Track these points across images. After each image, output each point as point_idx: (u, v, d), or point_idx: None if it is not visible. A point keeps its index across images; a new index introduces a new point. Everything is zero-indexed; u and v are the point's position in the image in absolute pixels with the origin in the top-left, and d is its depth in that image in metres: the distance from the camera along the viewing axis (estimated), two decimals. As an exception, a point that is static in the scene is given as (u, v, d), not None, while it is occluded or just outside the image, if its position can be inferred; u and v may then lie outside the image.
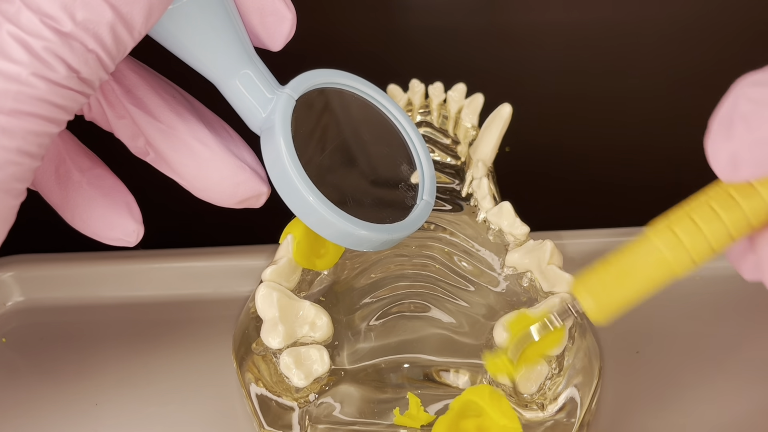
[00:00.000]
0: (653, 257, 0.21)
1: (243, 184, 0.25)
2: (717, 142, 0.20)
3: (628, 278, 0.22)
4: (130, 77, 0.24)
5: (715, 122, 0.20)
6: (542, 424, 0.25)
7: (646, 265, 0.21)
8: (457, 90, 0.37)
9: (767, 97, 0.19)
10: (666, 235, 0.21)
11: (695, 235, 0.21)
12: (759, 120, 0.19)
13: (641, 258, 0.21)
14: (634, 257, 0.22)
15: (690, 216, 0.21)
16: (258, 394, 0.27)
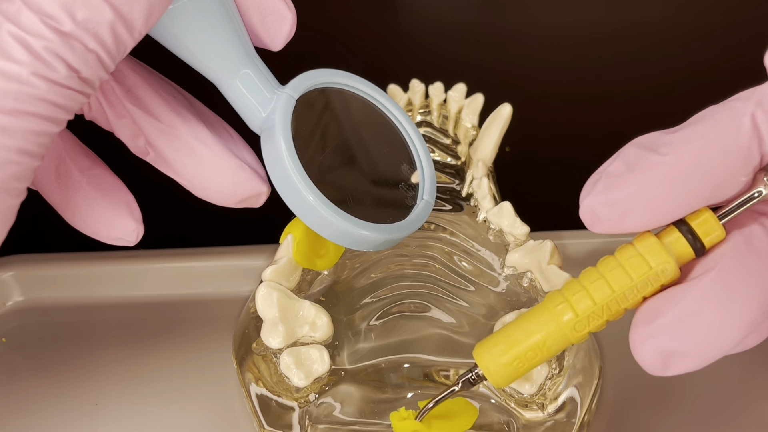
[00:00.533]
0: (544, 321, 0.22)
1: (243, 183, 0.25)
2: (582, 194, 0.22)
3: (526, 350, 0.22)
4: (131, 77, 0.24)
5: (591, 176, 0.22)
6: (542, 424, 0.25)
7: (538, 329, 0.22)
8: (457, 90, 0.37)
9: (637, 161, 0.21)
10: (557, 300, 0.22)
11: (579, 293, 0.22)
12: (618, 183, 0.21)
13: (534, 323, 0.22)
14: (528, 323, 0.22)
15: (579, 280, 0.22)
16: (258, 394, 0.27)
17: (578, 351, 0.27)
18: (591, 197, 0.21)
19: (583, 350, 0.27)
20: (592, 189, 0.21)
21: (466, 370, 0.23)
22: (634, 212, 0.21)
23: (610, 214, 0.21)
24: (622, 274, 0.22)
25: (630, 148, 0.22)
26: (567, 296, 0.22)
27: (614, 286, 0.22)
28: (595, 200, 0.21)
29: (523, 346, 0.22)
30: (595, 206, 0.21)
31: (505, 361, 0.22)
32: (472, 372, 0.23)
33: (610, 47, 0.48)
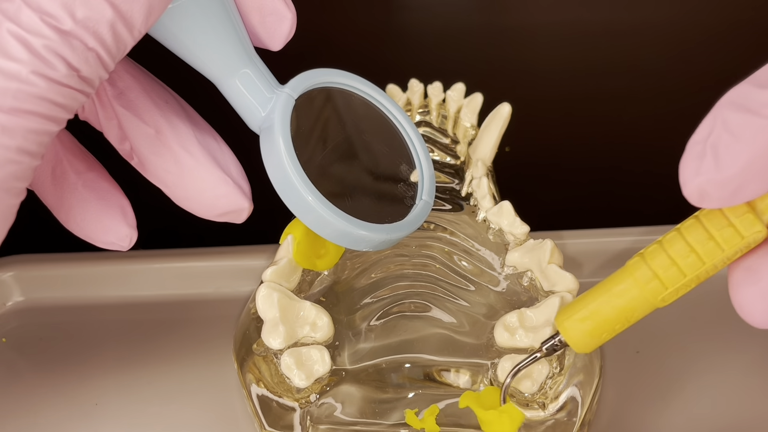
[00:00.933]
0: (631, 295, 0.22)
1: (224, 197, 0.24)
2: (685, 173, 0.20)
3: (607, 316, 0.22)
4: (125, 78, 0.24)
5: (688, 147, 0.20)
6: (543, 423, 0.25)
7: (625, 302, 0.22)
8: (456, 89, 0.37)
9: (740, 127, 0.19)
10: (643, 270, 0.22)
11: (670, 270, 0.22)
12: (729, 157, 0.19)
13: (620, 296, 0.22)
14: (613, 295, 0.22)
15: (665, 250, 0.22)
16: (259, 395, 0.27)
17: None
18: (700, 177, 0.19)
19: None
20: (700, 167, 0.19)
21: (549, 337, 0.24)
22: (748, 185, 0.19)
23: (722, 193, 0.19)
24: (714, 248, 0.21)
25: (726, 111, 0.19)
26: (657, 272, 0.22)
27: (705, 259, 0.21)
28: (705, 180, 0.19)
29: (608, 316, 0.22)
30: (706, 186, 0.19)
31: (588, 329, 0.22)
32: (554, 339, 0.24)
33: (610, 47, 0.48)
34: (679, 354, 0.32)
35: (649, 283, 0.22)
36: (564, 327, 0.23)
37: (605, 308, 0.22)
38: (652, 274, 0.22)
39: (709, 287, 0.35)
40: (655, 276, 0.22)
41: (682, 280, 0.21)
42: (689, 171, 0.20)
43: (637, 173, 0.46)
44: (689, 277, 0.21)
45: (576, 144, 0.47)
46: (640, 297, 0.22)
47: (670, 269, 0.21)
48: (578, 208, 0.44)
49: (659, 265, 0.22)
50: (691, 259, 0.21)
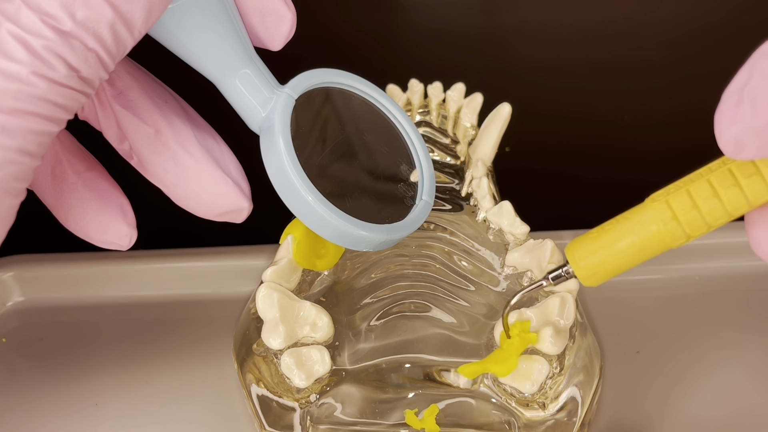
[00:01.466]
0: (648, 231, 0.22)
1: (223, 197, 0.24)
2: (722, 122, 0.19)
3: (621, 248, 0.22)
4: (125, 78, 0.24)
5: (724, 97, 0.19)
6: (543, 423, 0.25)
7: (641, 237, 0.22)
8: (456, 89, 0.37)
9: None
10: (663, 210, 0.21)
11: (691, 212, 0.21)
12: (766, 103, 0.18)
13: (636, 230, 0.22)
14: (629, 228, 0.22)
15: (689, 192, 0.21)
16: (259, 395, 0.27)
17: (579, 350, 0.27)
18: (737, 125, 0.19)
19: (583, 349, 0.27)
20: (736, 115, 0.19)
21: (557, 266, 0.23)
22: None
23: (760, 141, 0.19)
24: (740, 198, 0.21)
25: (763, 61, 0.19)
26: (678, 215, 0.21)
27: (729, 208, 0.21)
28: (742, 128, 0.19)
29: (620, 251, 0.22)
30: (743, 135, 0.19)
31: (598, 261, 0.22)
32: (561, 268, 0.23)
33: (610, 47, 0.48)
34: (679, 354, 0.32)
35: (669, 224, 0.21)
36: (574, 257, 0.23)
37: (618, 243, 0.22)
38: (673, 215, 0.21)
39: (709, 288, 0.36)
40: (675, 218, 0.21)
41: (703, 227, 0.21)
42: (725, 120, 0.19)
43: (638, 173, 0.46)
44: (713, 228, 0.21)
45: (576, 144, 0.47)
46: (657, 236, 0.22)
47: (697, 222, 0.21)
48: (578, 208, 0.44)
49: (681, 208, 0.21)
50: (720, 213, 0.21)
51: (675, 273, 0.36)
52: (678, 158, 0.25)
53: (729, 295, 0.35)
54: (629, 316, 0.34)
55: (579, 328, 0.28)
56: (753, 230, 0.21)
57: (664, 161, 0.46)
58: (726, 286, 0.36)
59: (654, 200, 0.22)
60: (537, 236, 0.30)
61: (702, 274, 0.36)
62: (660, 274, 0.36)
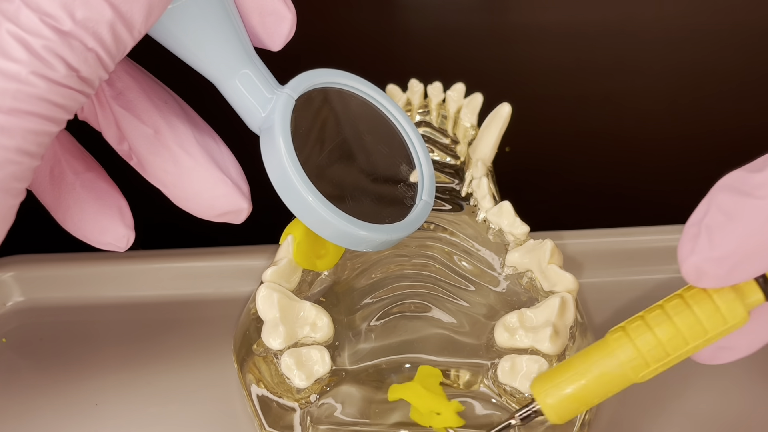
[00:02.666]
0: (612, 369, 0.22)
1: (222, 197, 0.24)
2: (682, 252, 0.21)
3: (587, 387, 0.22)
4: (124, 78, 0.24)
5: (685, 229, 0.21)
6: (543, 423, 0.25)
7: (605, 375, 0.22)
8: (456, 90, 0.37)
9: (734, 209, 0.20)
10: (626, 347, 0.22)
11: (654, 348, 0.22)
12: (722, 236, 0.20)
13: (600, 368, 0.22)
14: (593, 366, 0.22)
15: (650, 328, 0.22)
16: (259, 395, 0.26)
17: (579, 350, 0.27)
18: (696, 256, 0.20)
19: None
20: (695, 246, 0.20)
21: (524, 405, 0.23)
22: (742, 264, 0.20)
23: (717, 271, 0.20)
24: (699, 330, 0.21)
25: (720, 195, 0.21)
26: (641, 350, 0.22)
27: (690, 340, 0.22)
28: (701, 258, 0.20)
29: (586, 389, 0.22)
30: (702, 265, 0.20)
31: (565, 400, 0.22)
32: (529, 407, 0.23)
33: (610, 47, 0.48)
34: (679, 354, 0.32)
35: (633, 361, 0.22)
36: (541, 396, 0.23)
37: (584, 381, 0.22)
38: (636, 352, 0.22)
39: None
40: (639, 354, 0.22)
41: (665, 359, 0.22)
42: (685, 251, 0.21)
43: (638, 173, 0.46)
44: (672, 357, 0.22)
45: (576, 144, 0.47)
46: (621, 373, 0.22)
47: (655, 349, 0.22)
48: (578, 208, 0.44)
49: (643, 344, 0.22)
50: (677, 340, 0.22)
51: (675, 273, 0.36)
52: (677, 158, 0.25)
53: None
54: (629, 316, 0.34)
55: (579, 328, 0.28)
56: None
57: (664, 161, 0.46)
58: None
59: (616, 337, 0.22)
60: (537, 236, 0.30)
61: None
62: (660, 274, 0.36)
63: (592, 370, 0.22)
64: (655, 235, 0.37)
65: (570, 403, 0.22)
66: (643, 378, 0.22)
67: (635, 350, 0.22)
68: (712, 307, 0.21)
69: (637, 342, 0.22)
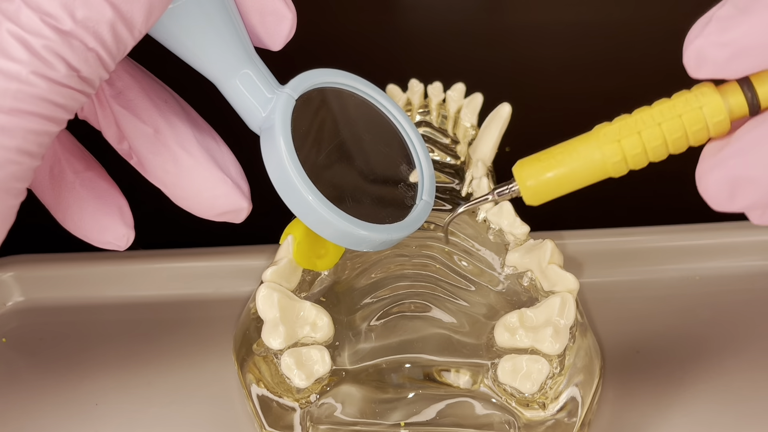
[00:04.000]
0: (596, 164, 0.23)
1: (222, 197, 0.24)
2: (689, 37, 0.21)
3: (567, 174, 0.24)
4: (124, 78, 0.24)
5: (698, 21, 0.21)
6: (543, 423, 0.25)
7: (587, 167, 0.23)
8: (456, 90, 0.37)
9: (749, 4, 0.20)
10: (612, 147, 0.23)
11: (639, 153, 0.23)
12: (730, 24, 0.20)
13: (584, 160, 0.23)
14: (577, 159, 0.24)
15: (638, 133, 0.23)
16: (259, 395, 0.26)
17: (579, 350, 0.27)
18: (701, 39, 0.21)
19: (584, 349, 0.27)
20: (702, 31, 0.21)
21: (504, 182, 0.25)
22: (743, 54, 0.20)
23: (718, 55, 0.21)
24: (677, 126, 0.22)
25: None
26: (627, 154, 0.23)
27: (667, 136, 0.22)
28: (706, 41, 0.21)
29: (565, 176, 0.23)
30: (705, 47, 0.21)
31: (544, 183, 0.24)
32: (508, 185, 0.25)
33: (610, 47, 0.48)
34: (679, 354, 0.32)
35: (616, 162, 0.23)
36: (521, 176, 0.24)
37: (564, 170, 0.23)
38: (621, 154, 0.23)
39: (709, 288, 0.36)
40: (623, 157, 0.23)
41: (645, 163, 0.23)
42: (691, 35, 0.21)
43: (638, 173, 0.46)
44: (647, 151, 0.23)
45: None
46: (602, 168, 0.23)
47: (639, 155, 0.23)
48: (578, 208, 0.44)
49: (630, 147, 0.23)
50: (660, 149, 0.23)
51: (675, 273, 0.36)
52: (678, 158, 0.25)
53: (729, 295, 0.35)
54: (629, 316, 0.34)
55: (579, 328, 0.28)
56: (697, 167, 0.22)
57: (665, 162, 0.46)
58: (726, 286, 0.36)
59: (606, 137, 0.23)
60: (537, 236, 0.30)
61: (702, 274, 0.36)
62: (660, 274, 0.36)
63: (574, 161, 0.23)
64: (655, 235, 0.37)
65: (546, 188, 0.24)
66: (619, 174, 0.23)
67: (620, 152, 0.23)
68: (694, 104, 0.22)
69: (623, 143, 0.23)
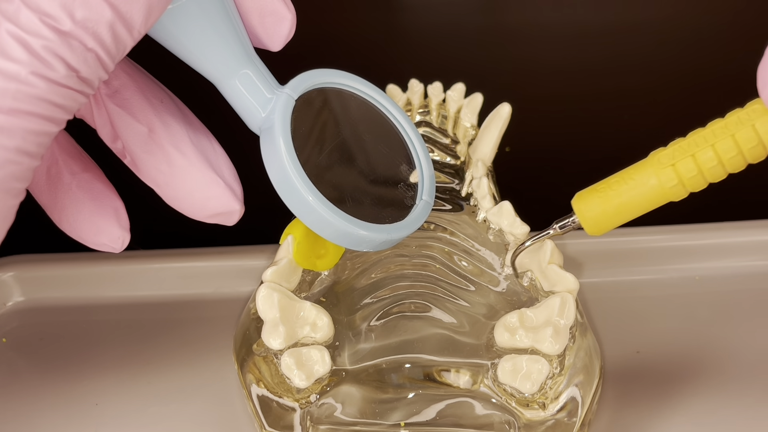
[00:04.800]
0: (653, 190, 0.24)
1: (215, 198, 0.24)
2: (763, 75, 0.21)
3: (625, 203, 0.24)
4: (121, 77, 0.24)
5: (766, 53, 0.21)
6: (543, 423, 0.25)
7: (645, 194, 0.24)
8: (456, 90, 0.37)
9: None
10: (667, 172, 0.23)
11: (695, 176, 0.23)
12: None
13: (641, 188, 0.24)
14: (635, 187, 0.24)
15: (692, 156, 0.23)
16: (259, 395, 0.26)
17: (579, 350, 0.27)
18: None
19: (584, 349, 0.27)
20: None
21: (564, 216, 0.26)
22: None
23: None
24: (731, 146, 0.23)
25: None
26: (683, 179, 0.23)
27: (722, 155, 0.23)
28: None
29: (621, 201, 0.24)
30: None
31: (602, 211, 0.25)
32: (569, 218, 0.26)
33: (610, 47, 0.48)
34: (679, 354, 0.32)
35: (673, 187, 0.23)
36: (580, 209, 0.25)
37: (623, 198, 0.24)
38: (678, 179, 0.23)
39: (709, 287, 0.36)
40: (680, 181, 0.23)
41: (703, 185, 0.23)
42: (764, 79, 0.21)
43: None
44: (704, 175, 0.23)
45: (576, 144, 0.47)
46: (660, 194, 0.24)
47: (695, 177, 0.23)
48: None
49: (685, 171, 0.23)
50: (716, 170, 0.23)
51: (675, 273, 0.36)
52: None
53: (729, 295, 0.35)
54: (629, 316, 0.34)
55: (579, 328, 0.28)
56: None
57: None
58: (726, 286, 0.36)
59: (660, 163, 0.24)
60: (537, 236, 0.30)
61: (702, 274, 0.36)
62: (660, 274, 0.36)
63: (631, 189, 0.24)
64: (655, 235, 0.37)
65: (606, 218, 0.25)
66: (679, 198, 0.24)
67: (676, 177, 0.23)
68: (752, 134, 0.22)
69: (678, 167, 0.23)
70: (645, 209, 0.24)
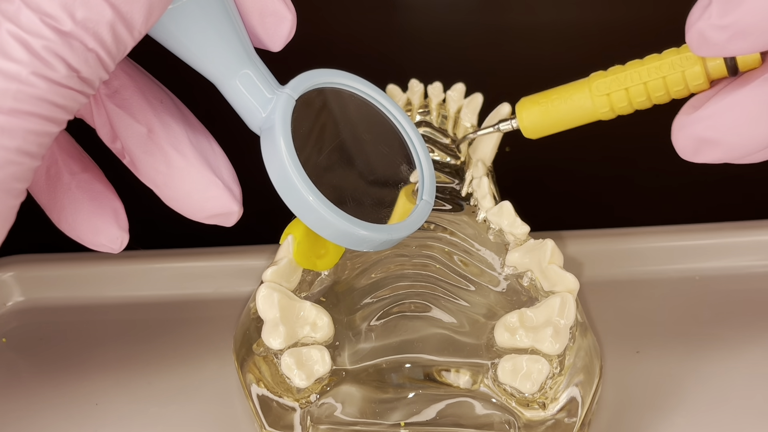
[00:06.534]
0: (586, 111, 0.27)
1: (213, 199, 0.24)
2: (690, 19, 0.22)
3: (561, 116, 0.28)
4: (121, 77, 0.24)
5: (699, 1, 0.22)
6: (543, 423, 0.25)
7: (579, 113, 0.28)
8: (456, 90, 0.37)
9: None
10: (602, 99, 0.27)
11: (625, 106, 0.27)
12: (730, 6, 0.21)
13: (577, 107, 0.28)
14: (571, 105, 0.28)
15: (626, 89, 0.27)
16: (259, 395, 0.27)
17: (579, 350, 0.27)
18: (702, 22, 0.22)
19: (584, 349, 0.27)
20: (703, 14, 0.22)
21: (506, 117, 0.30)
22: (744, 35, 0.21)
23: (718, 38, 0.22)
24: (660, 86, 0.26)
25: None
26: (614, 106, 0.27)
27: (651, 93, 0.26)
28: (706, 24, 0.22)
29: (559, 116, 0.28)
30: (706, 30, 0.22)
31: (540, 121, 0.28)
32: (509, 120, 0.30)
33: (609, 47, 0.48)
34: (679, 354, 0.32)
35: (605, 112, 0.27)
36: (521, 114, 0.29)
37: (560, 112, 0.28)
38: (610, 105, 0.27)
39: (709, 287, 0.36)
40: (611, 108, 0.27)
41: (629, 111, 0.27)
42: (692, 17, 0.22)
43: (637, 173, 0.46)
44: (635, 108, 0.27)
45: (576, 144, 0.47)
46: (592, 113, 0.27)
47: (625, 107, 0.27)
48: (578, 209, 0.44)
49: (617, 101, 0.27)
50: (644, 102, 0.27)
51: (675, 273, 0.36)
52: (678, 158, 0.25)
53: (729, 295, 0.35)
54: (629, 316, 0.34)
55: (579, 328, 0.28)
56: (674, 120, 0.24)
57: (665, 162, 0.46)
58: (726, 286, 0.36)
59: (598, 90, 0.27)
60: (537, 236, 0.30)
61: (702, 274, 0.36)
62: (660, 274, 0.36)
63: (568, 106, 0.28)
64: (655, 235, 0.37)
65: (541, 126, 0.28)
66: (607, 118, 0.28)
67: (609, 104, 0.27)
68: (680, 79, 0.26)
69: (612, 97, 0.27)
70: (575, 125, 0.28)
